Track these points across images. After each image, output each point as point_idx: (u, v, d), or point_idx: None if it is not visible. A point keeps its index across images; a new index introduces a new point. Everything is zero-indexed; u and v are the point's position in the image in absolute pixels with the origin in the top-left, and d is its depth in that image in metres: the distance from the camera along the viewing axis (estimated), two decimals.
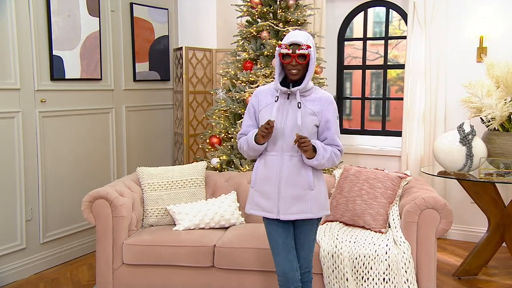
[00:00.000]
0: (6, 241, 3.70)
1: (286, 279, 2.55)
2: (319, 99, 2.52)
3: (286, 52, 2.43)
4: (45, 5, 3.88)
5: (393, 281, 2.96)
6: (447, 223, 3.00)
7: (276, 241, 2.57)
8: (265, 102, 2.56)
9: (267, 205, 2.52)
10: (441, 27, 4.52)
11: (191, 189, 3.59)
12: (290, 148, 2.48)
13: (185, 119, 4.88)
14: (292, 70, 2.44)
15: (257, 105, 2.58)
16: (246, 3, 4.26)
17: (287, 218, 2.50)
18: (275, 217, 2.51)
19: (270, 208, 2.51)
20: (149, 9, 4.90)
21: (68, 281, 3.78)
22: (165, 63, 5.16)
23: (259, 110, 2.57)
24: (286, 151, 2.49)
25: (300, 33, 2.48)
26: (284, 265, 2.55)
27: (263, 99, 2.57)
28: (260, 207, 2.54)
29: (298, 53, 2.41)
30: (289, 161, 2.49)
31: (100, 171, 4.47)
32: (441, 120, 4.59)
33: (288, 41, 2.44)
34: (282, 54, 2.45)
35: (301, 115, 2.46)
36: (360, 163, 4.86)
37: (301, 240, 2.60)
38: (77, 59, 4.14)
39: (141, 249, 3.20)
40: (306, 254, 2.63)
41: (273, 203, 2.50)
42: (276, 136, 2.49)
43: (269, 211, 2.52)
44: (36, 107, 3.86)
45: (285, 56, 2.45)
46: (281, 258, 2.55)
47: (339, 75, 5.30)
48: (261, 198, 2.53)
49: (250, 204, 2.59)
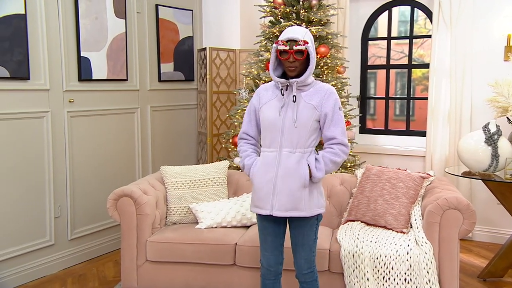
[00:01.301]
0: (36, 237, 3.82)
1: (269, 271, 2.64)
2: (318, 91, 2.49)
3: (283, 48, 2.41)
4: (73, 8, 3.99)
5: (415, 281, 2.94)
6: (470, 224, 2.96)
7: (265, 238, 2.61)
8: (266, 98, 2.56)
9: (261, 202, 2.51)
10: (467, 26, 4.46)
11: (213, 188, 3.64)
12: (289, 144, 2.46)
13: (208, 118, 4.93)
14: (290, 67, 2.42)
15: (258, 102, 2.59)
16: (269, 3, 4.28)
17: (280, 214, 2.47)
18: (269, 213, 2.48)
19: (264, 204, 2.49)
20: (174, 10, 4.98)
21: (94, 277, 3.88)
22: (190, 63, 5.23)
23: (259, 108, 2.57)
24: (284, 147, 2.47)
25: (297, 29, 2.46)
26: (270, 259, 2.63)
27: (264, 96, 2.57)
28: (255, 204, 2.55)
29: (295, 49, 2.39)
30: (287, 157, 2.47)
31: (125, 170, 4.56)
32: (466, 120, 4.52)
33: (285, 37, 2.41)
34: (279, 50, 2.43)
35: (296, 110, 2.44)
36: (384, 163, 4.83)
37: (300, 240, 2.56)
38: (104, 60, 4.25)
39: (164, 246, 3.27)
40: (307, 255, 2.57)
41: (267, 199, 2.48)
42: (275, 133, 2.48)
43: (262, 207, 2.50)
44: (64, 107, 3.98)
45: (282, 52, 2.42)
46: (268, 253, 2.63)
47: (363, 75, 5.28)
48: (256, 194, 2.53)
49: (252, 202, 2.60)
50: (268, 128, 2.51)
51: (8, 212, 3.61)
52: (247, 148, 2.64)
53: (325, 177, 3.67)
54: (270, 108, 2.51)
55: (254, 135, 2.66)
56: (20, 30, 3.56)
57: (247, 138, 2.67)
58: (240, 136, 2.68)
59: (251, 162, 2.58)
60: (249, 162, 2.58)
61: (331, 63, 4.14)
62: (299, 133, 2.46)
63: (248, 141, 2.67)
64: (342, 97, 4.27)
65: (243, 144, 2.67)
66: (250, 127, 2.64)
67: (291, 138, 2.45)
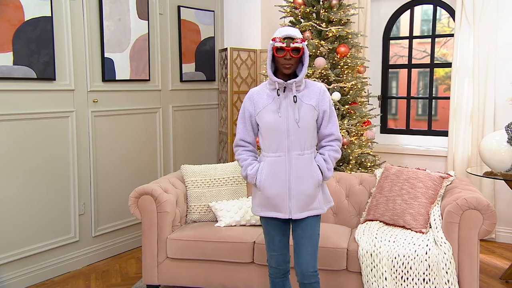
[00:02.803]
0: (61, 234, 3.93)
1: (278, 270, 2.66)
2: (313, 91, 2.51)
3: (280, 45, 2.39)
4: (97, 10, 4.08)
5: (434, 281, 2.93)
6: (490, 224, 2.93)
7: (273, 239, 2.61)
8: (262, 103, 2.51)
9: (278, 206, 2.50)
10: (490, 24, 4.39)
11: (232, 187, 3.68)
12: (297, 147, 2.47)
13: (229, 118, 4.98)
14: (286, 64, 2.42)
15: (253, 108, 2.54)
16: (289, 3, 4.31)
17: (299, 216, 2.50)
18: (288, 216, 2.51)
19: (282, 208, 2.50)
20: (195, 11, 5.04)
21: (117, 273, 3.97)
22: (211, 63, 5.29)
23: (256, 113, 2.53)
24: (293, 150, 2.47)
25: (292, 28, 2.47)
26: (278, 259, 2.63)
27: (259, 101, 2.52)
28: (269, 208, 2.53)
29: (292, 46, 2.39)
30: (297, 160, 2.47)
31: (147, 169, 4.64)
32: (489, 120, 4.45)
33: (282, 35, 2.41)
34: (276, 47, 2.41)
35: (298, 110, 2.45)
36: (405, 163, 4.80)
37: (308, 233, 2.54)
38: (127, 61, 4.33)
39: (184, 244, 3.32)
40: (313, 250, 2.55)
41: (284, 204, 2.49)
42: (280, 137, 2.46)
43: (280, 211, 2.51)
44: (88, 107, 4.07)
45: (279, 49, 2.41)
46: (276, 253, 2.63)
47: (384, 75, 5.25)
48: (270, 200, 2.51)
49: (258, 206, 2.57)
50: (272, 132, 2.49)
51: (34, 209, 3.72)
52: (246, 156, 2.60)
53: (344, 177, 3.70)
54: (270, 112, 2.48)
55: (251, 141, 2.62)
56: (46, 32, 3.66)
57: (244, 145, 2.62)
58: (236, 143, 2.62)
59: (254, 171, 2.54)
60: (253, 172, 2.54)
61: (351, 62, 4.13)
62: (304, 134, 2.47)
63: (246, 148, 2.62)
64: (362, 96, 4.26)
65: (242, 152, 2.61)
66: (246, 133, 2.59)
67: (298, 140, 2.46)
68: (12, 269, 3.59)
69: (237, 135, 2.61)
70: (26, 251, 3.67)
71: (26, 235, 3.67)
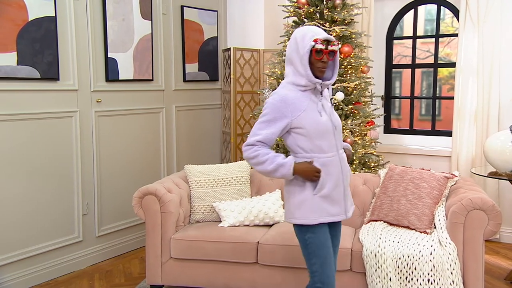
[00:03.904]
0: (65, 233, 3.93)
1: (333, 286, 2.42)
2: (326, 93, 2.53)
3: (321, 47, 2.29)
4: (101, 10, 4.08)
5: (438, 282, 2.91)
6: (496, 225, 2.91)
7: (329, 251, 2.39)
8: (301, 106, 2.34)
9: (336, 209, 2.40)
10: (495, 23, 4.38)
11: (236, 187, 3.68)
12: (340, 145, 2.47)
13: (232, 118, 4.98)
14: (322, 67, 2.34)
15: (289, 111, 2.32)
16: (293, 3, 4.29)
17: (350, 215, 2.50)
18: (343, 218, 2.45)
19: (338, 211, 2.41)
20: (199, 11, 5.04)
21: (120, 273, 3.97)
22: (214, 63, 5.29)
23: (294, 116, 2.32)
24: (340, 149, 2.46)
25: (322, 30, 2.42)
26: (331, 276, 2.38)
27: (300, 104, 2.34)
28: (329, 213, 2.38)
29: (330, 49, 2.32)
30: (344, 159, 2.48)
31: (151, 169, 4.64)
32: (494, 120, 4.44)
33: (322, 37, 2.29)
34: (316, 49, 2.29)
35: (332, 110, 2.47)
36: (409, 163, 4.79)
37: (338, 237, 2.57)
38: (130, 61, 4.33)
39: (187, 244, 3.32)
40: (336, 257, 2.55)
41: (341, 205, 2.42)
42: (329, 137, 2.39)
43: (337, 214, 2.40)
44: (92, 107, 4.07)
45: (318, 51, 2.30)
46: (330, 269, 2.39)
47: (388, 74, 5.24)
48: (330, 203, 2.38)
49: (318, 212, 2.35)
50: (321, 134, 2.36)
51: (38, 209, 3.73)
52: (267, 150, 2.33)
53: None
54: (314, 112, 2.36)
55: (271, 145, 2.38)
56: (50, 32, 3.67)
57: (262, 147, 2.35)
58: (252, 142, 2.34)
59: (290, 159, 2.34)
60: (288, 160, 2.33)
61: (354, 62, 4.12)
62: (339, 133, 2.48)
63: (266, 146, 2.36)
64: (365, 96, 4.25)
65: (259, 149, 2.32)
66: (270, 137, 2.33)
67: (340, 139, 2.47)
68: (16, 269, 3.59)
69: (257, 136, 2.32)
70: (29, 251, 3.67)
71: (30, 235, 3.67)
